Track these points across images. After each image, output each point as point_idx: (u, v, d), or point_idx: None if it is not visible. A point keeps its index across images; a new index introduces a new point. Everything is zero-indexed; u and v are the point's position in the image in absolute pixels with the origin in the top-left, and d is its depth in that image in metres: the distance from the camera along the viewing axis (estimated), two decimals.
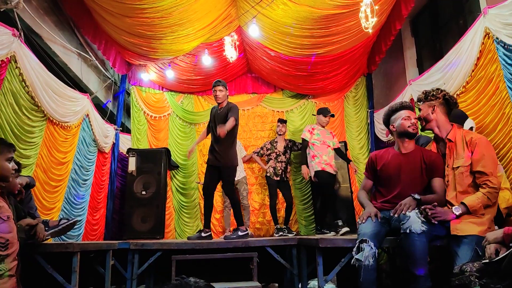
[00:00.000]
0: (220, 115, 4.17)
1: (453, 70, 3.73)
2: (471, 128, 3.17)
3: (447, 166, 2.56)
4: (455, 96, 3.75)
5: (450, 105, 2.67)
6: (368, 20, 3.72)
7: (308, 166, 5.02)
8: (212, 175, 4.15)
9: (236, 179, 5.67)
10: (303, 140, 5.12)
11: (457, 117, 3.14)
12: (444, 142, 2.63)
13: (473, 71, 3.46)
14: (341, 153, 5.32)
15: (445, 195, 2.56)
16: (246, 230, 4.09)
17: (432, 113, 2.63)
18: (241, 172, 5.79)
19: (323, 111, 5.20)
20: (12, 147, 2.16)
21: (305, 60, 5.45)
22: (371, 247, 2.39)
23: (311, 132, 5.11)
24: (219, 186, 5.87)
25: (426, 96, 2.67)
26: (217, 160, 4.08)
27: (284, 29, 4.90)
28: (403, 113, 2.76)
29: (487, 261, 1.95)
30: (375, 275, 2.37)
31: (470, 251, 2.25)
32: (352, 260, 2.43)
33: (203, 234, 3.98)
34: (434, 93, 2.66)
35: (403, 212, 2.42)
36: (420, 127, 2.80)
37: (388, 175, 2.75)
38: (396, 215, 2.48)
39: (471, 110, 3.49)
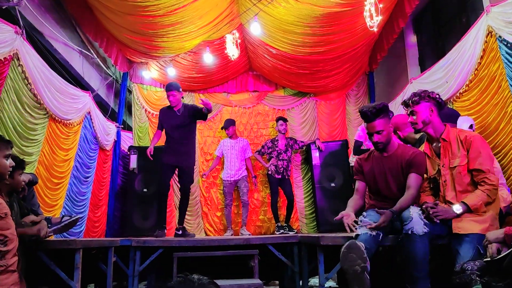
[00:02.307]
0: (181, 116, 4.31)
1: (455, 68, 3.73)
2: (470, 126, 3.17)
3: (443, 166, 2.54)
4: (457, 94, 3.76)
5: (441, 106, 2.63)
6: (373, 18, 3.71)
7: None
8: (170, 174, 4.38)
9: (237, 178, 5.69)
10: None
11: (450, 116, 3.14)
12: (439, 142, 2.60)
13: (476, 69, 3.46)
14: None
15: (419, 191, 2.54)
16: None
17: (431, 115, 2.57)
18: (242, 172, 5.80)
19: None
20: (9, 144, 2.15)
21: (307, 58, 5.44)
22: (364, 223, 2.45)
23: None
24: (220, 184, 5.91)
25: (423, 98, 2.57)
26: (179, 159, 4.26)
27: (285, 27, 4.90)
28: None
29: (488, 259, 1.95)
30: (375, 246, 2.41)
31: (472, 250, 2.24)
32: (354, 234, 2.46)
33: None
34: (430, 94, 2.58)
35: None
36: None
37: (374, 180, 2.75)
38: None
39: (473, 109, 3.50)
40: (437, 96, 2.60)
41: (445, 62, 3.97)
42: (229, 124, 5.93)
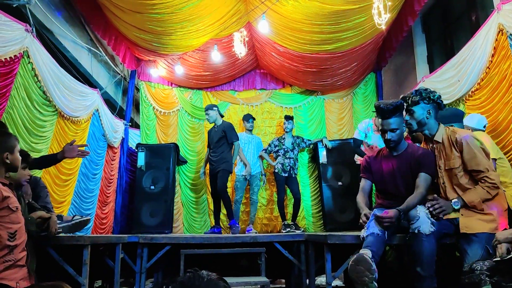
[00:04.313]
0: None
1: (467, 67, 3.69)
2: (484, 126, 3.14)
3: (439, 168, 2.52)
4: (469, 93, 3.72)
5: (440, 108, 2.58)
6: (381, 16, 3.68)
7: None
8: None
9: (252, 173, 5.66)
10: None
11: (456, 116, 3.11)
12: (433, 143, 2.58)
13: (487, 68, 3.42)
14: None
15: (427, 190, 2.52)
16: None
17: (427, 118, 2.53)
18: (257, 167, 5.76)
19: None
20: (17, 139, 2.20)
21: (315, 56, 5.42)
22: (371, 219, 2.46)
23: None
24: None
25: (423, 99, 2.52)
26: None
27: (293, 25, 4.88)
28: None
29: (498, 259, 1.93)
30: (383, 246, 2.39)
31: (481, 249, 2.22)
32: (361, 236, 2.47)
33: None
34: (431, 96, 2.52)
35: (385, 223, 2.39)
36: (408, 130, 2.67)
37: (383, 179, 2.73)
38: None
39: (485, 107, 3.46)
40: (438, 97, 2.55)
41: (456, 60, 3.93)
42: (251, 117, 5.91)
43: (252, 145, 5.80)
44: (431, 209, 2.36)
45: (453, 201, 2.38)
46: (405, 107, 2.58)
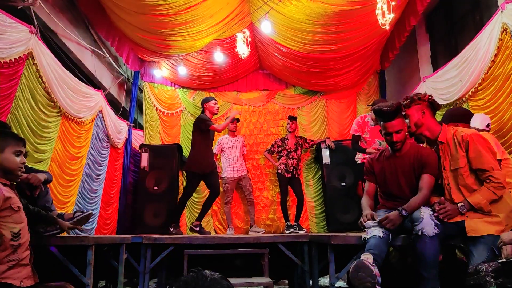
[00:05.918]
0: None
1: (469, 67, 3.67)
2: (487, 125, 3.12)
3: (444, 169, 2.50)
4: (470, 93, 3.70)
5: (435, 107, 2.59)
6: (385, 16, 3.67)
7: None
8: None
9: (240, 175, 5.68)
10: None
11: (462, 116, 3.10)
12: (437, 144, 2.56)
13: (490, 68, 3.40)
14: None
15: (431, 191, 2.51)
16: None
17: (423, 117, 2.53)
18: (244, 169, 5.81)
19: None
20: (21, 141, 2.10)
21: (317, 56, 5.42)
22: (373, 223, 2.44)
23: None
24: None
25: (413, 100, 2.55)
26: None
27: (296, 25, 4.88)
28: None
29: (503, 260, 1.92)
30: (386, 247, 2.38)
31: (486, 251, 2.20)
32: (362, 237, 2.47)
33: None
34: (420, 97, 2.55)
35: (387, 226, 2.39)
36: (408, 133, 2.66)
37: (385, 180, 2.71)
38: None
39: (488, 108, 3.44)
40: (429, 98, 2.56)
41: (458, 60, 3.91)
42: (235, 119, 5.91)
43: (236, 147, 5.78)
44: (436, 214, 2.35)
45: (459, 205, 2.36)
46: (403, 114, 2.60)
